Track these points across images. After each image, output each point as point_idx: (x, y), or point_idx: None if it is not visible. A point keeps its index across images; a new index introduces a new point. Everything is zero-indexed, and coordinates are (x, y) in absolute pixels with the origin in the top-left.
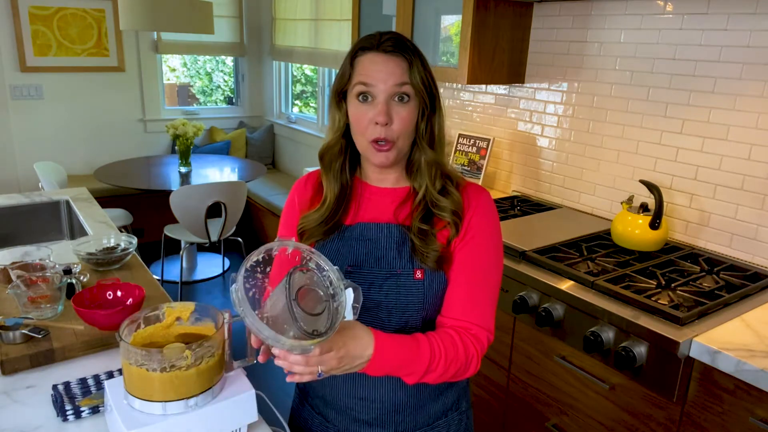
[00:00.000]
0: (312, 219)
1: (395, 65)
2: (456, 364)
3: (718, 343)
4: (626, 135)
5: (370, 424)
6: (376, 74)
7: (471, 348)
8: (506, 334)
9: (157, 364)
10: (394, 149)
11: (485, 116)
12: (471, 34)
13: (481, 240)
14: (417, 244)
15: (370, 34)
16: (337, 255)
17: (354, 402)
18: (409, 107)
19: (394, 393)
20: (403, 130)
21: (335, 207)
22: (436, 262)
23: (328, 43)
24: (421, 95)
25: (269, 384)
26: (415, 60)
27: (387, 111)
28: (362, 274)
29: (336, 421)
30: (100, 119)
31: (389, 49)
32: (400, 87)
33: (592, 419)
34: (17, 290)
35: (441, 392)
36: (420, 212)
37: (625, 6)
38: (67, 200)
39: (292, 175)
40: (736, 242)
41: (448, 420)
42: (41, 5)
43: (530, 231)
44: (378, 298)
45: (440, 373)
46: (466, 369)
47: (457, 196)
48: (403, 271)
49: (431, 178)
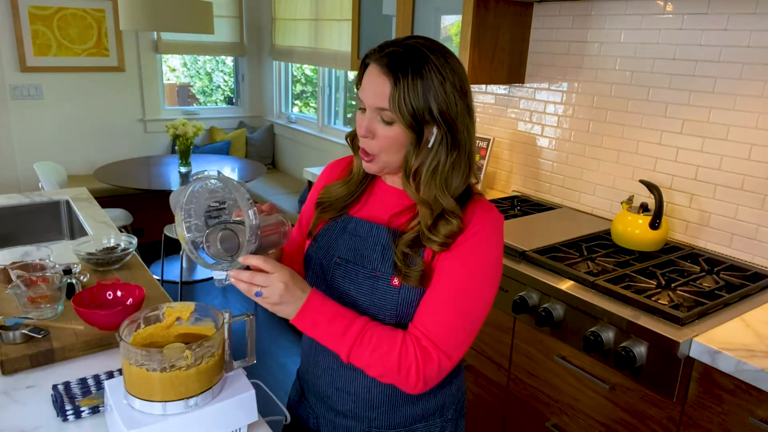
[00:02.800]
0: (336, 191)
1: (380, 86)
2: (385, 361)
3: (718, 343)
4: (626, 135)
5: (345, 415)
6: (366, 88)
7: (411, 356)
8: (506, 334)
9: (157, 364)
10: (376, 162)
11: (485, 116)
12: (471, 34)
13: (469, 259)
14: (399, 264)
15: (388, 41)
16: (332, 244)
17: (331, 391)
18: (393, 130)
19: (367, 389)
20: (384, 149)
21: (361, 179)
22: (419, 280)
23: (328, 43)
24: (411, 125)
25: (269, 383)
26: (408, 85)
27: (369, 126)
28: (347, 269)
29: (316, 408)
30: (100, 119)
31: (382, 65)
32: (380, 111)
33: (592, 419)
34: (17, 290)
35: (421, 397)
36: (412, 234)
37: (625, 6)
38: (67, 200)
39: (292, 175)
40: (736, 242)
41: (429, 425)
42: (41, 5)
43: (530, 231)
44: (354, 296)
45: (367, 362)
46: (402, 377)
47: (453, 226)
48: (381, 275)
49: (423, 216)
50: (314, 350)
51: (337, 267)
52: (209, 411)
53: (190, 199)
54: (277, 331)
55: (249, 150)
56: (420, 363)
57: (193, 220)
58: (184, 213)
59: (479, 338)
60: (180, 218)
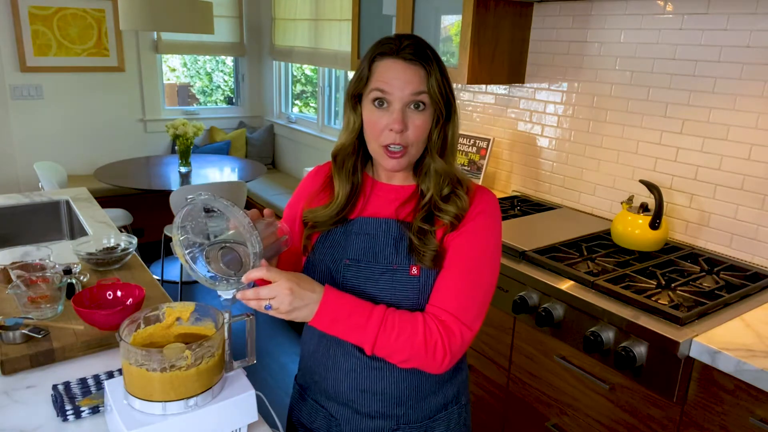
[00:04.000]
0: (321, 215)
1: (413, 73)
2: (413, 344)
3: (718, 343)
4: (626, 135)
5: (372, 416)
6: (394, 81)
7: (435, 333)
8: (506, 334)
9: (157, 364)
10: (406, 156)
11: (485, 116)
12: (471, 34)
13: (476, 236)
14: (416, 243)
15: (390, 38)
16: (337, 248)
17: (356, 395)
18: (425, 115)
19: (396, 386)
20: (418, 138)
21: (344, 204)
22: (432, 261)
23: (328, 43)
24: (437, 104)
25: (269, 383)
26: (434, 68)
27: (402, 118)
28: (359, 268)
29: (338, 414)
30: (100, 119)
31: (408, 56)
32: (417, 95)
33: (592, 419)
34: (17, 290)
35: (441, 385)
36: (423, 212)
37: (625, 6)
38: (67, 200)
39: (292, 175)
40: (736, 242)
41: (449, 413)
42: (41, 5)
43: (530, 231)
44: (373, 293)
45: (392, 348)
46: (429, 356)
47: (464, 202)
48: (399, 267)
49: (438, 185)
50: (331, 355)
51: (347, 269)
52: (209, 411)
53: (185, 218)
54: (277, 331)
55: (249, 150)
56: (444, 338)
57: (191, 238)
58: (181, 231)
59: (479, 338)
60: (178, 238)
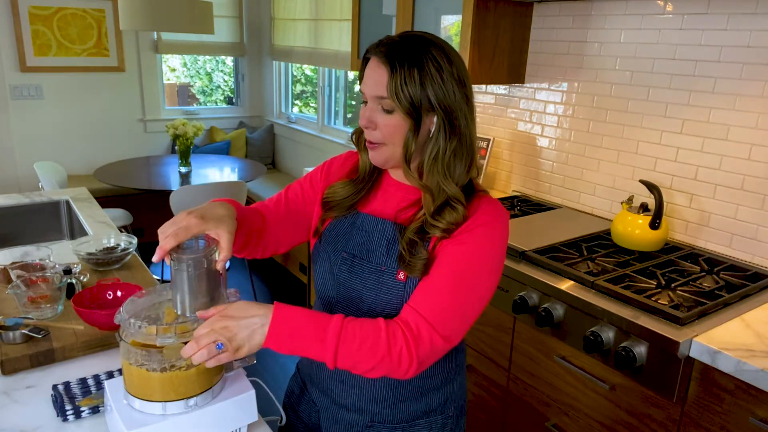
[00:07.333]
0: (341, 190)
1: (379, 75)
2: (375, 352)
3: (718, 343)
4: (626, 135)
5: (348, 408)
6: (366, 80)
7: (399, 339)
8: (506, 334)
9: (157, 364)
10: (382, 150)
11: (485, 116)
12: (471, 34)
13: (469, 246)
14: (404, 253)
15: (389, 35)
16: (340, 239)
17: (335, 385)
18: (394, 119)
19: (373, 383)
20: (387, 138)
21: (365, 179)
22: (421, 271)
23: (328, 43)
24: (409, 112)
25: (269, 383)
26: (402, 74)
27: (368, 116)
28: (353, 263)
29: (318, 402)
30: (100, 119)
31: (381, 57)
32: (379, 99)
33: (592, 419)
34: (17, 290)
35: (425, 392)
36: (417, 223)
37: (625, 6)
38: (67, 200)
39: (292, 175)
40: (736, 242)
41: (430, 421)
42: (41, 5)
43: (530, 231)
44: (360, 290)
45: (355, 359)
46: (395, 363)
47: (458, 214)
48: (386, 269)
49: (426, 202)
50: None
51: (344, 262)
52: (209, 411)
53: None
54: None
55: (249, 150)
56: (411, 343)
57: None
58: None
59: (479, 338)
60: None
